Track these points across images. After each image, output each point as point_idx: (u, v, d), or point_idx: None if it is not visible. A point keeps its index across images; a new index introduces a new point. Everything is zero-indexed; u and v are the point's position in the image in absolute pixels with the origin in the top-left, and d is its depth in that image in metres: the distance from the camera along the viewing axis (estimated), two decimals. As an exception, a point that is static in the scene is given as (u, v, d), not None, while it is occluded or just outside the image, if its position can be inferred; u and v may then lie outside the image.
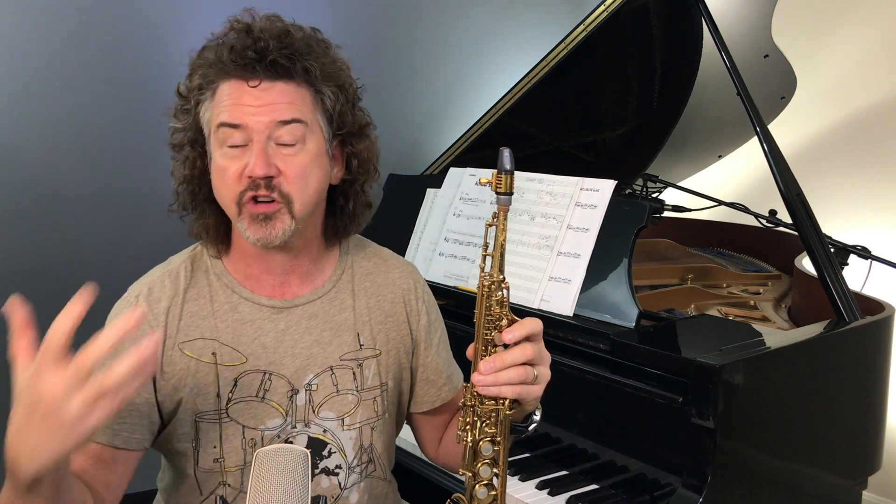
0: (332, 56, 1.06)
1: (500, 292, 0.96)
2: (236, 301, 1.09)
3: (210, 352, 1.07)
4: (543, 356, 0.96)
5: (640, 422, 1.39)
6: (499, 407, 0.96)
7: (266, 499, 0.98)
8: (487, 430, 0.97)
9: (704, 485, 1.23)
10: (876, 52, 2.73)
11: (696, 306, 1.85)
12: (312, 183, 1.04)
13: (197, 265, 1.12)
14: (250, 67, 0.99)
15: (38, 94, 2.19)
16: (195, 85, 1.03)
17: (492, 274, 0.96)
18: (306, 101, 1.02)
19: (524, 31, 3.17)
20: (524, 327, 0.94)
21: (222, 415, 1.06)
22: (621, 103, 2.46)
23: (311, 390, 1.10)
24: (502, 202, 0.93)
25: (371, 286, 1.18)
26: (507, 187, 0.91)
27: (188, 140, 1.07)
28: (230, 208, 1.03)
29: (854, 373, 1.55)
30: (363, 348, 1.14)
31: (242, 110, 0.99)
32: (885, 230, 2.61)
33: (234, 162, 1.00)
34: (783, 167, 1.70)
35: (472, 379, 0.95)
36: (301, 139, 1.01)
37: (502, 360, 0.92)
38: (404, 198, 2.06)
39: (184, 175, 1.08)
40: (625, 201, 1.60)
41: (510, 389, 0.93)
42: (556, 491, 1.41)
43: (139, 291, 1.09)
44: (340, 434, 1.11)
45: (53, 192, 2.24)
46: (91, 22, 2.25)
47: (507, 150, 0.91)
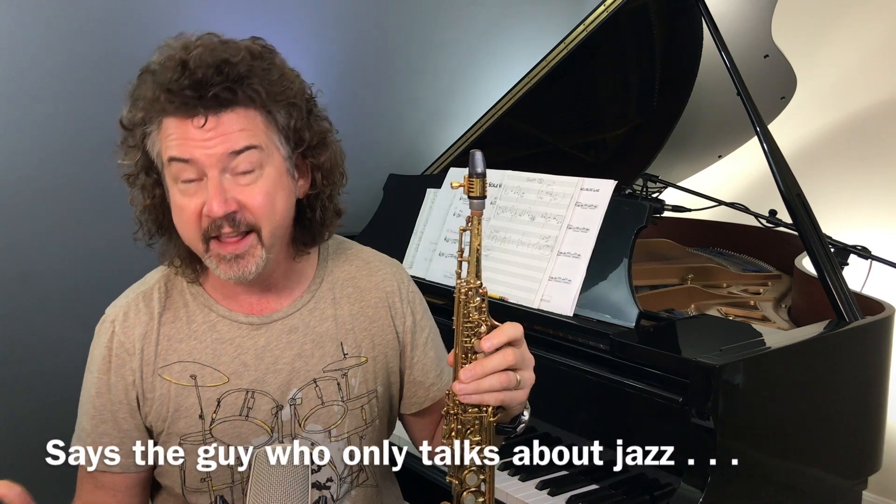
0: (279, 69, 0.99)
1: (477, 298, 0.94)
2: (214, 319, 1.07)
3: (189, 375, 1.05)
4: (526, 360, 0.94)
5: (640, 422, 1.39)
6: (482, 415, 0.94)
7: (266, 499, 0.99)
8: (472, 438, 0.95)
9: (704, 485, 1.23)
10: (876, 52, 2.73)
11: (696, 306, 1.85)
12: (279, 207, 0.99)
13: (171, 284, 1.09)
14: (191, 106, 0.92)
15: (36, 98, 2.19)
16: (138, 118, 0.98)
17: (468, 280, 0.94)
18: (258, 125, 0.96)
19: (524, 31, 3.16)
20: (503, 333, 0.91)
21: (206, 436, 1.05)
22: (621, 103, 2.46)
23: (296, 404, 1.08)
24: (475, 206, 0.90)
25: (354, 291, 1.14)
26: (480, 191, 0.89)
27: (141, 168, 1.01)
28: (196, 246, 0.99)
29: (854, 373, 1.55)
30: (347, 357, 1.11)
31: (191, 144, 0.93)
32: (885, 230, 2.60)
33: (192, 200, 0.96)
34: (783, 167, 1.70)
35: (453, 388, 0.93)
36: (258, 164, 0.96)
37: (482, 368, 0.90)
38: (404, 198, 2.06)
39: (144, 205, 1.03)
40: (625, 201, 1.60)
41: (492, 396, 0.90)
42: (555, 491, 1.41)
43: (115, 317, 1.07)
44: (329, 445, 1.09)
45: (51, 195, 2.24)
46: (91, 24, 2.25)
47: (479, 152, 0.89)
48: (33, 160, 2.20)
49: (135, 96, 0.98)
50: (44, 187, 2.21)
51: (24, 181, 2.18)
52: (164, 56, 0.96)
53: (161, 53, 0.97)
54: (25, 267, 2.19)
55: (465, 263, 0.94)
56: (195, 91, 0.92)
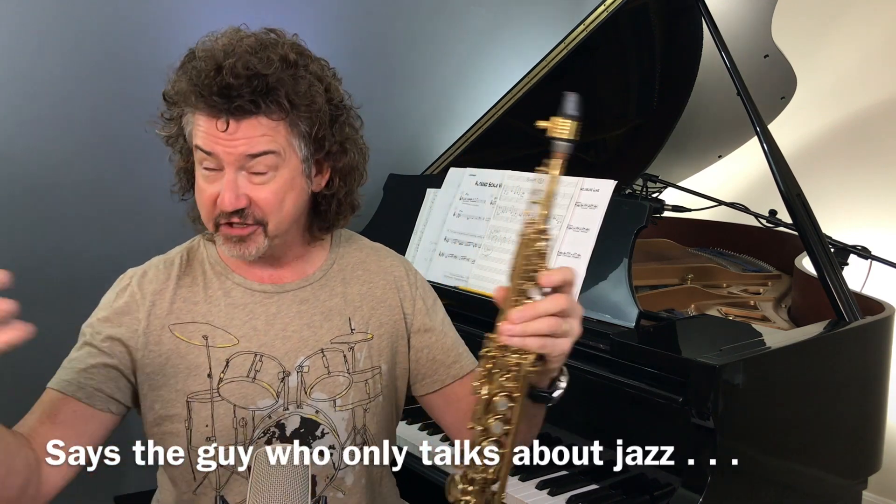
0: (310, 80, 1.03)
1: (542, 242, 0.89)
2: (229, 286, 1.13)
3: (201, 335, 1.09)
4: (575, 308, 0.90)
5: (640, 422, 1.39)
6: (521, 361, 0.89)
7: (266, 499, 0.99)
8: (505, 385, 0.91)
9: (704, 485, 1.23)
10: (876, 52, 2.73)
11: (696, 306, 1.85)
12: (287, 206, 1.06)
13: (193, 255, 1.16)
14: (217, 110, 0.99)
15: (38, 97, 2.19)
16: (177, 98, 1.05)
17: (537, 221, 0.89)
18: (279, 132, 1.02)
19: (524, 31, 3.16)
20: (562, 273, 0.89)
21: (214, 394, 1.08)
22: (621, 103, 2.46)
23: (303, 372, 1.11)
24: (561, 148, 0.86)
25: (363, 274, 1.20)
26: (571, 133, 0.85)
27: (178, 133, 1.09)
28: (208, 224, 1.08)
29: (854, 373, 1.55)
30: (354, 332, 1.15)
31: (214, 140, 1.01)
32: (885, 230, 2.60)
33: (210, 186, 1.04)
34: (783, 167, 1.70)
35: (500, 327, 0.88)
36: (273, 167, 1.03)
37: (534, 310, 0.87)
38: (404, 198, 2.06)
39: (180, 166, 1.12)
40: (625, 201, 1.60)
41: (537, 341, 0.87)
42: (555, 491, 1.41)
43: (133, 273, 1.14)
44: (333, 415, 1.12)
45: (52, 195, 2.24)
46: (93, 26, 2.25)
47: (575, 94, 0.84)
48: (33, 160, 2.20)
49: (177, 76, 1.04)
50: (43, 186, 2.21)
51: (24, 181, 2.18)
52: (206, 51, 1.01)
53: (206, 44, 1.03)
54: (25, 266, 2.19)
55: (538, 206, 0.90)
56: (223, 98, 0.98)
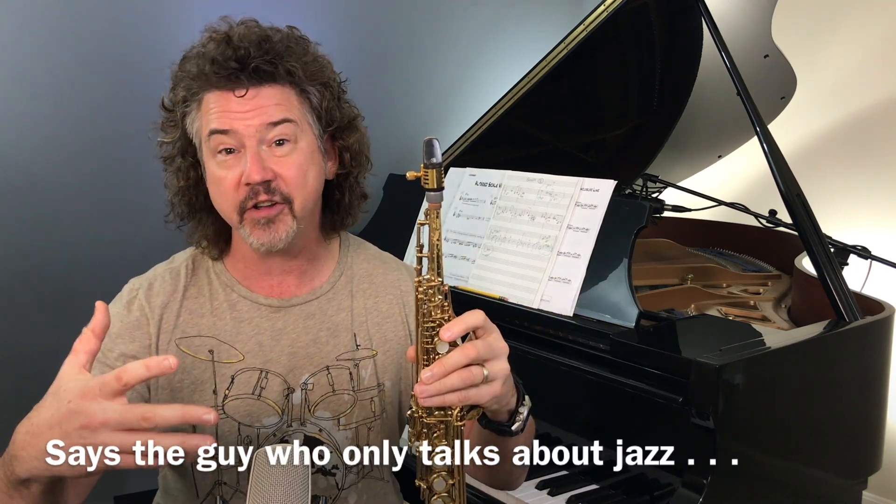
0: (313, 53, 1.07)
1: (438, 296, 0.87)
2: (235, 299, 1.11)
3: (207, 349, 1.08)
4: (495, 349, 0.87)
5: (641, 422, 1.39)
6: (447, 418, 0.88)
7: (266, 499, 0.98)
8: (436, 443, 0.89)
9: (704, 485, 1.23)
10: (876, 52, 2.73)
11: (696, 306, 1.85)
12: (310, 180, 1.05)
13: (198, 264, 1.14)
14: (234, 77, 1.00)
15: (38, 98, 2.19)
16: (180, 98, 1.04)
17: (429, 277, 0.87)
18: (293, 101, 1.03)
19: (524, 31, 3.16)
20: (462, 322, 0.86)
21: (218, 411, 1.06)
22: (621, 103, 2.46)
23: (307, 389, 1.10)
24: (432, 199, 0.83)
25: (369, 287, 1.18)
26: (435, 182, 0.81)
27: (179, 150, 1.08)
28: (231, 217, 1.05)
29: (854, 373, 1.55)
30: (360, 349, 1.14)
31: (231, 116, 1.00)
32: (885, 230, 2.60)
33: (230, 171, 1.02)
34: (783, 167, 1.70)
35: (414, 390, 0.86)
36: (293, 138, 1.03)
37: (442, 367, 0.84)
38: (404, 198, 2.06)
39: (178, 186, 1.09)
40: (625, 201, 1.60)
41: (454, 396, 0.85)
42: (555, 491, 1.41)
43: (139, 285, 1.10)
44: (336, 434, 1.11)
45: (52, 195, 2.24)
46: (92, 25, 2.25)
47: (435, 139, 0.82)
48: (33, 160, 2.20)
49: (177, 78, 1.05)
50: (43, 186, 2.21)
51: (24, 181, 2.18)
52: (207, 37, 1.03)
53: (204, 36, 1.04)
54: (26, 266, 2.19)
55: (426, 260, 0.88)
56: (239, 63, 0.99)
